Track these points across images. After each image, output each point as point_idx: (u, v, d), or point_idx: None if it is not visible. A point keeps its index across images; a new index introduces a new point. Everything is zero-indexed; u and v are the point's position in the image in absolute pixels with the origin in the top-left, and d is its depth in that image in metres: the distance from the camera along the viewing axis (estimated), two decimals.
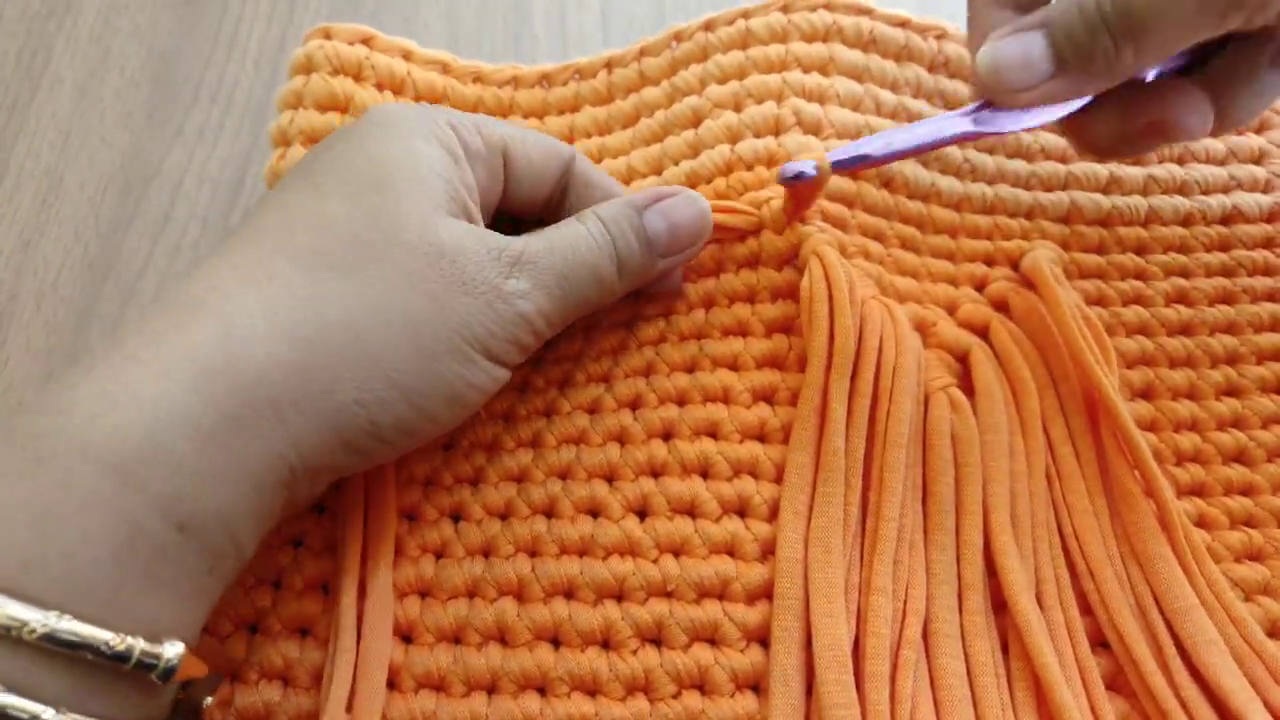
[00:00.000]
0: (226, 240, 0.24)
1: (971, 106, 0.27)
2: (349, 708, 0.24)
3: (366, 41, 0.32)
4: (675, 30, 0.34)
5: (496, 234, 0.25)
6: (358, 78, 0.32)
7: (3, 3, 0.40)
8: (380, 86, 0.32)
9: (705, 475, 0.27)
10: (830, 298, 0.27)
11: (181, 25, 0.40)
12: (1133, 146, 0.27)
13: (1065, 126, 0.28)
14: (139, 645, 0.19)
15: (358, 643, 0.25)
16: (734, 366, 0.29)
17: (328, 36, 0.32)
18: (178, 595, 0.20)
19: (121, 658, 0.18)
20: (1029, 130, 0.28)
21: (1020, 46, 0.25)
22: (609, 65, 0.34)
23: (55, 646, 0.18)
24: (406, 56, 0.33)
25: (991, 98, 0.26)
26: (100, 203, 0.37)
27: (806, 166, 0.27)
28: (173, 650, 0.19)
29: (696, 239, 0.28)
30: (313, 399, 0.22)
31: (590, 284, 0.26)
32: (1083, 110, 0.26)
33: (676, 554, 0.26)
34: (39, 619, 0.18)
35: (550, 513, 0.27)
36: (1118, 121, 0.26)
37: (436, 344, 0.23)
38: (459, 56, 0.34)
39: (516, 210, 0.29)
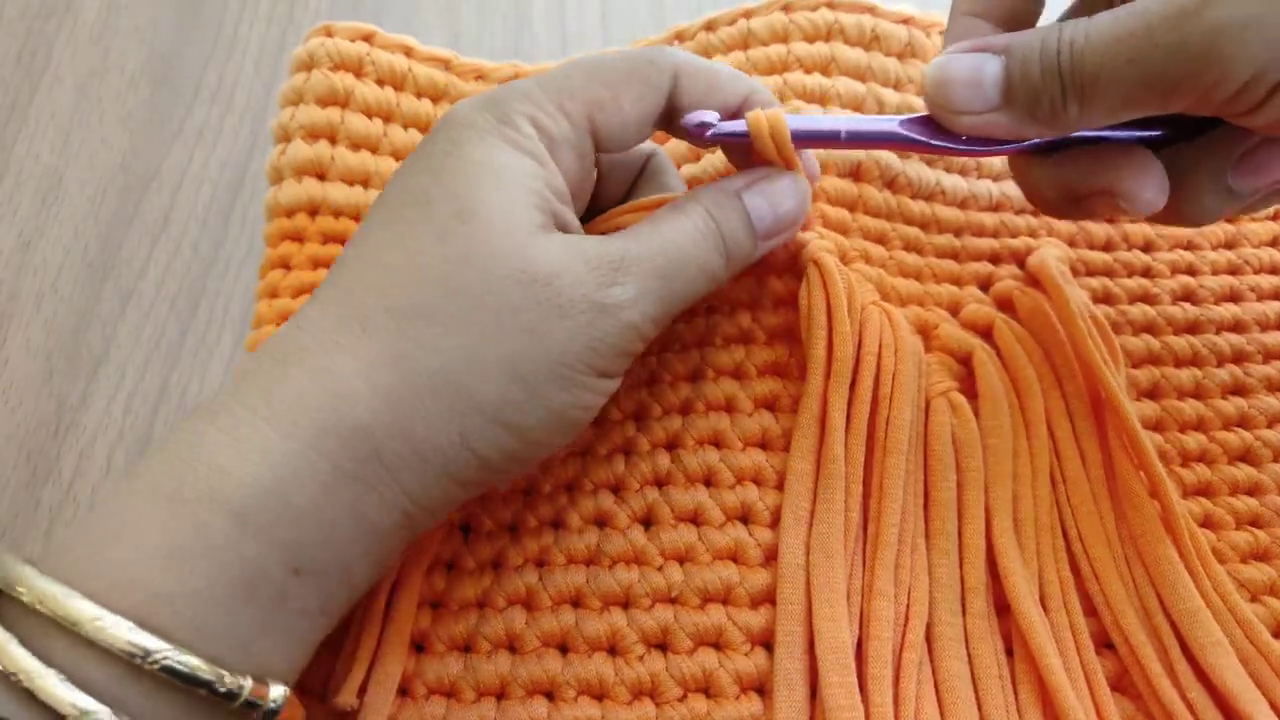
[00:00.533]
0: (326, 284, 0.23)
1: (914, 116, 0.25)
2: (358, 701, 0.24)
3: (368, 39, 0.32)
4: (677, 30, 0.34)
5: (593, 239, 0.24)
6: (358, 74, 0.32)
7: (3, 2, 0.40)
8: (381, 83, 0.32)
9: (709, 484, 0.27)
10: (828, 306, 0.27)
11: (181, 25, 0.40)
12: (1081, 209, 0.25)
13: (1014, 171, 0.27)
14: (248, 685, 0.19)
15: (377, 646, 0.25)
16: (737, 375, 0.28)
17: (329, 34, 0.32)
18: (289, 637, 0.21)
19: (231, 695, 0.19)
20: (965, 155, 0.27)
21: (973, 64, 0.23)
22: None
23: (173, 678, 0.19)
24: (408, 53, 0.33)
25: (932, 112, 0.25)
26: (100, 203, 0.37)
27: (709, 116, 0.25)
28: (277, 692, 0.20)
29: (797, 220, 0.27)
30: (417, 451, 0.22)
31: (698, 279, 0.25)
32: (1032, 157, 0.25)
33: (681, 561, 0.26)
34: (164, 650, 0.18)
35: (558, 524, 0.27)
36: (1067, 177, 0.25)
37: (538, 377, 0.22)
38: (459, 56, 0.34)
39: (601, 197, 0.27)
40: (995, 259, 0.31)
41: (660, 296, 0.24)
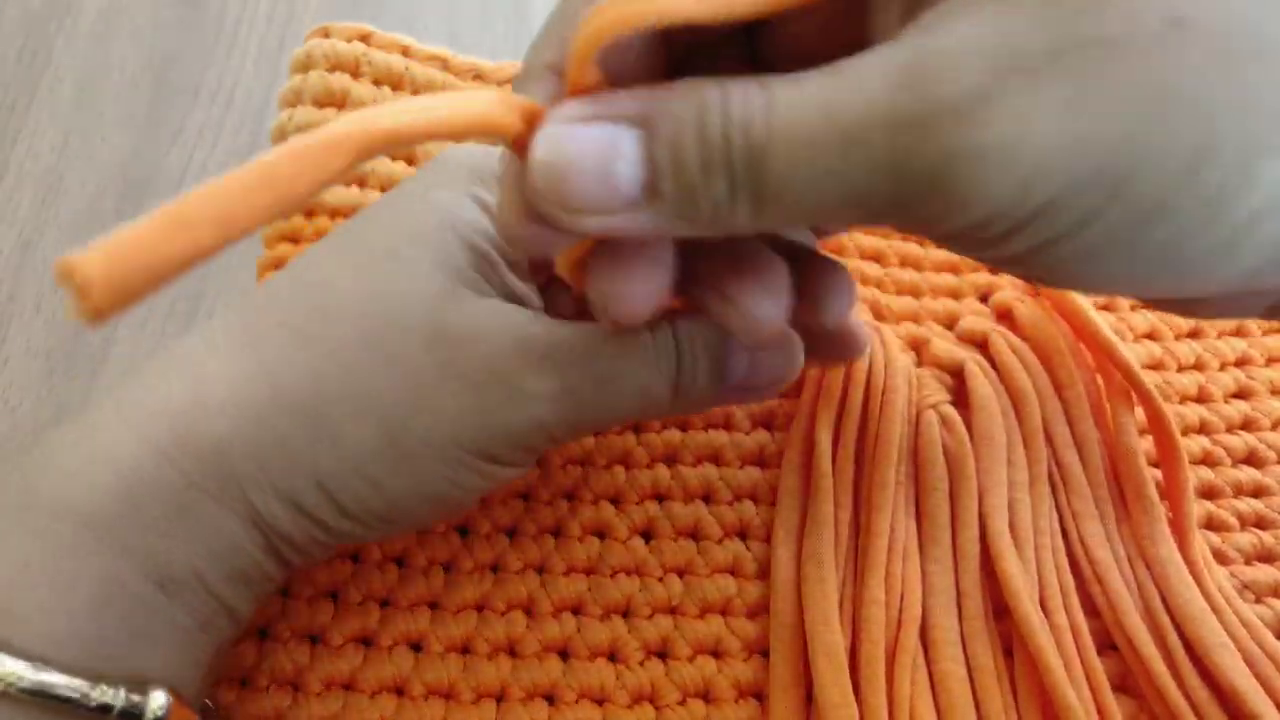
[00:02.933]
0: (242, 297, 0.22)
1: None
2: None
3: (364, 38, 0.32)
4: None
5: (533, 315, 0.21)
6: (354, 74, 0.32)
7: (3, 3, 0.40)
8: (378, 82, 0.32)
9: (708, 500, 0.28)
10: None
11: (181, 25, 0.40)
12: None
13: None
14: (121, 694, 0.18)
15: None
16: None
17: (327, 35, 0.32)
18: (164, 647, 0.20)
19: (104, 708, 0.18)
20: None
21: (601, 144, 0.15)
22: None
23: (41, 699, 0.18)
24: (405, 52, 0.33)
25: (542, 212, 0.16)
26: (100, 203, 0.37)
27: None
28: (157, 701, 0.19)
29: (775, 387, 0.23)
30: (271, 477, 0.20)
31: (633, 398, 0.21)
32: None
33: (681, 574, 0.27)
34: (22, 670, 0.18)
35: (557, 532, 0.27)
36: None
37: (413, 442, 0.20)
38: (458, 55, 0.34)
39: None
40: (995, 270, 0.31)
41: (584, 401, 0.21)
